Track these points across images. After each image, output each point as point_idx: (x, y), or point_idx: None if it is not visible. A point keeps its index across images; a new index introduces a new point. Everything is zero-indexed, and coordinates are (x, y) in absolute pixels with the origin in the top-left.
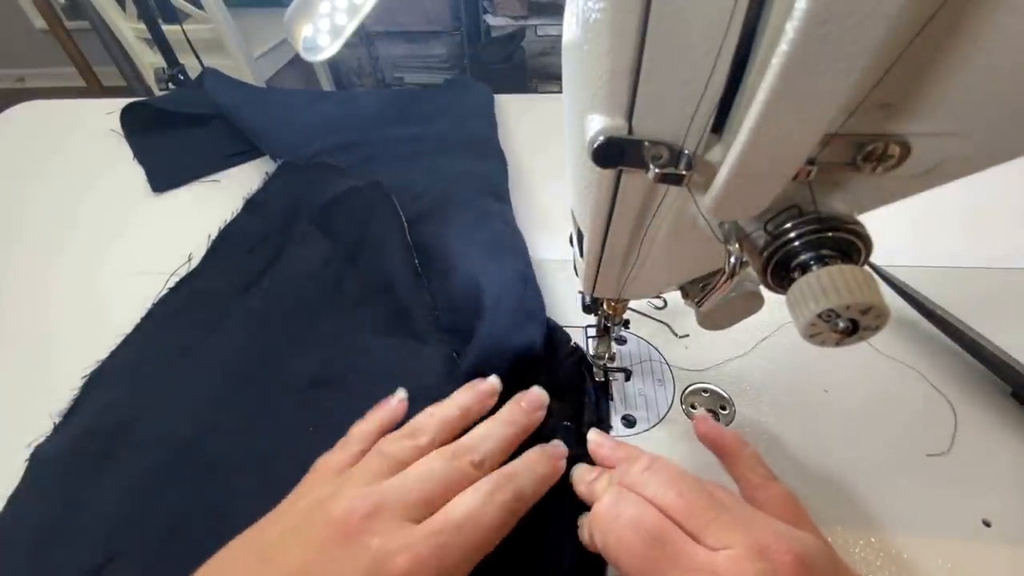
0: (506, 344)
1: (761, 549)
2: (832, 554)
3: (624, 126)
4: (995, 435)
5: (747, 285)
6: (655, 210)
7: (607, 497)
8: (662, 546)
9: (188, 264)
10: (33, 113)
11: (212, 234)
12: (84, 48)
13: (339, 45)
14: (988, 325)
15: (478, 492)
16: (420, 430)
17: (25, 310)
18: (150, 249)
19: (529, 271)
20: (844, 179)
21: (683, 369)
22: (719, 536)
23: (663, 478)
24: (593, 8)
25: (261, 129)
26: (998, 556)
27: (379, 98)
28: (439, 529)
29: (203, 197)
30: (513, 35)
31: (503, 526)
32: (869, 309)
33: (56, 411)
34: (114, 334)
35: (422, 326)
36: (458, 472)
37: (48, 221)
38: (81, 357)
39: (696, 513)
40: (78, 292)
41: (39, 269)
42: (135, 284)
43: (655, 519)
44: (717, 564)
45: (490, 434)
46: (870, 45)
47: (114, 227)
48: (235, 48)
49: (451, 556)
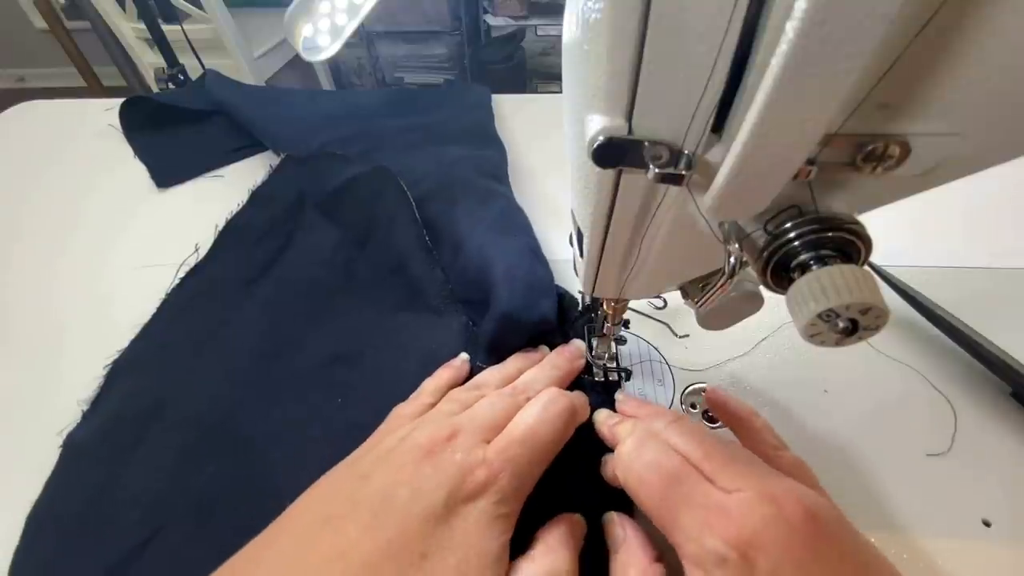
0: (521, 318)
1: (772, 496)
2: (842, 515)
3: (624, 126)
4: (995, 435)
5: (747, 285)
6: (655, 210)
7: (632, 439)
8: (678, 484)
9: (196, 254)
10: (33, 113)
11: (219, 225)
12: (84, 48)
13: (339, 45)
14: (988, 325)
15: (533, 407)
16: (483, 383)
17: (29, 310)
18: (156, 244)
19: (536, 244)
20: (844, 179)
21: (683, 369)
22: (733, 480)
23: (685, 429)
24: (593, 8)
25: (263, 124)
26: (998, 556)
27: (379, 95)
28: (506, 445)
29: (207, 192)
30: (513, 35)
31: (559, 437)
32: (869, 309)
33: (82, 399)
34: (123, 328)
35: (436, 300)
36: (515, 404)
37: (49, 221)
38: (90, 353)
39: (713, 458)
40: (82, 291)
41: (41, 269)
42: (143, 277)
43: (674, 460)
44: (728, 504)
45: (539, 376)
46: (870, 45)
47: (117, 225)
48: (235, 48)
49: (521, 468)
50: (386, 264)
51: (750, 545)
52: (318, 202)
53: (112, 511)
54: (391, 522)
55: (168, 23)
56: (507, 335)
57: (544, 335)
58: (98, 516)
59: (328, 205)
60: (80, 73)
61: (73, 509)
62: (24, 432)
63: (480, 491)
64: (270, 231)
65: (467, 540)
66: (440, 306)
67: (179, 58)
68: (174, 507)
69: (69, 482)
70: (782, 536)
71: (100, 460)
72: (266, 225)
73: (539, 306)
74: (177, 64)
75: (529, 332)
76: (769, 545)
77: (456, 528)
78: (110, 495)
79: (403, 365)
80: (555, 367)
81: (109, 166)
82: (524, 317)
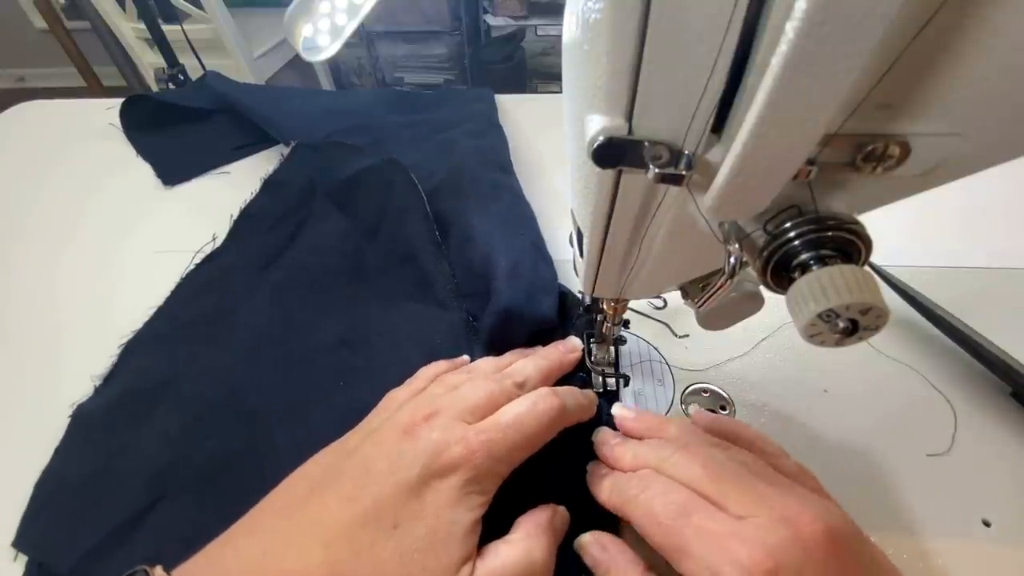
0: (523, 315)
1: (787, 518)
2: (857, 528)
3: (624, 126)
4: (995, 435)
5: (747, 285)
6: (655, 210)
7: (636, 479)
8: (688, 516)
9: (213, 243)
10: (33, 113)
11: (233, 215)
12: (84, 48)
13: (339, 45)
14: (988, 325)
15: (524, 401)
16: (475, 369)
17: (30, 309)
18: (163, 241)
19: (541, 241)
20: (844, 179)
21: (683, 369)
22: (745, 505)
23: (689, 455)
24: (593, 8)
25: (270, 116)
26: (998, 556)
27: (379, 96)
28: (489, 427)
29: (214, 188)
30: (513, 35)
31: (543, 432)
32: (869, 309)
33: (95, 374)
34: (134, 314)
35: (443, 293)
36: (502, 388)
37: (50, 221)
38: (95, 348)
39: (722, 480)
40: (87, 288)
41: (43, 268)
42: (158, 264)
43: (681, 494)
44: (744, 531)
45: (528, 363)
46: (870, 45)
47: (121, 224)
48: (235, 48)
49: (497, 451)
50: (396, 255)
51: (770, 571)
52: (330, 190)
53: (117, 479)
54: (368, 493)
55: (168, 23)
56: (507, 329)
57: (544, 334)
58: (103, 483)
59: (340, 194)
60: (80, 73)
61: (80, 475)
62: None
63: (454, 467)
64: (283, 218)
65: (437, 513)
66: (446, 300)
67: (179, 58)
68: (177, 477)
69: (77, 450)
70: (801, 558)
71: (107, 430)
72: (279, 212)
73: (540, 303)
74: (177, 64)
75: (529, 328)
76: (790, 569)
77: (428, 501)
78: (116, 463)
79: (405, 354)
80: (545, 357)
81: (110, 166)
82: (525, 313)
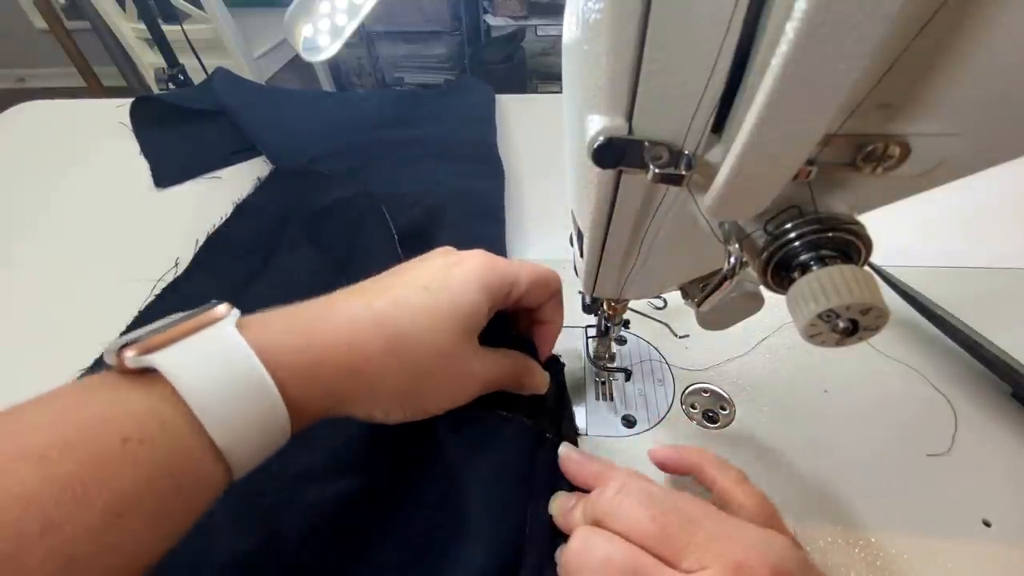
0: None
1: (738, 564)
2: (804, 558)
3: (624, 126)
4: (995, 435)
5: (747, 285)
6: (655, 210)
7: (575, 541)
8: None
9: (175, 269)
10: (33, 113)
11: (199, 240)
12: (84, 48)
13: (339, 45)
14: (988, 325)
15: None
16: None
17: (29, 308)
18: (150, 248)
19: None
20: (844, 179)
21: (683, 369)
22: (696, 557)
23: (634, 502)
24: (593, 8)
25: (259, 132)
26: (998, 556)
27: (380, 100)
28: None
29: (204, 194)
30: (513, 35)
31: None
32: (869, 309)
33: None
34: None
35: None
36: None
37: (49, 221)
38: (78, 356)
39: (670, 536)
40: (81, 291)
41: (42, 268)
42: (124, 292)
43: (626, 555)
44: None
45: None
46: (870, 45)
47: (115, 225)
48: (235, 48)
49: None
50: None
51: None
52: (302, 219)
53: None
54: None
55: (168, 23)
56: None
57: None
58: None
59: (311, 224)
60: (80, 73)
61: None
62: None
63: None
64: (252, 247)
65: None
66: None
67: (179, 58)
68: None
69: None
70: None
71: None
72: (249, 240)
73: None
74: (177, 64)
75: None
76: None
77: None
78: None
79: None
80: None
81: (109, 166)
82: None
